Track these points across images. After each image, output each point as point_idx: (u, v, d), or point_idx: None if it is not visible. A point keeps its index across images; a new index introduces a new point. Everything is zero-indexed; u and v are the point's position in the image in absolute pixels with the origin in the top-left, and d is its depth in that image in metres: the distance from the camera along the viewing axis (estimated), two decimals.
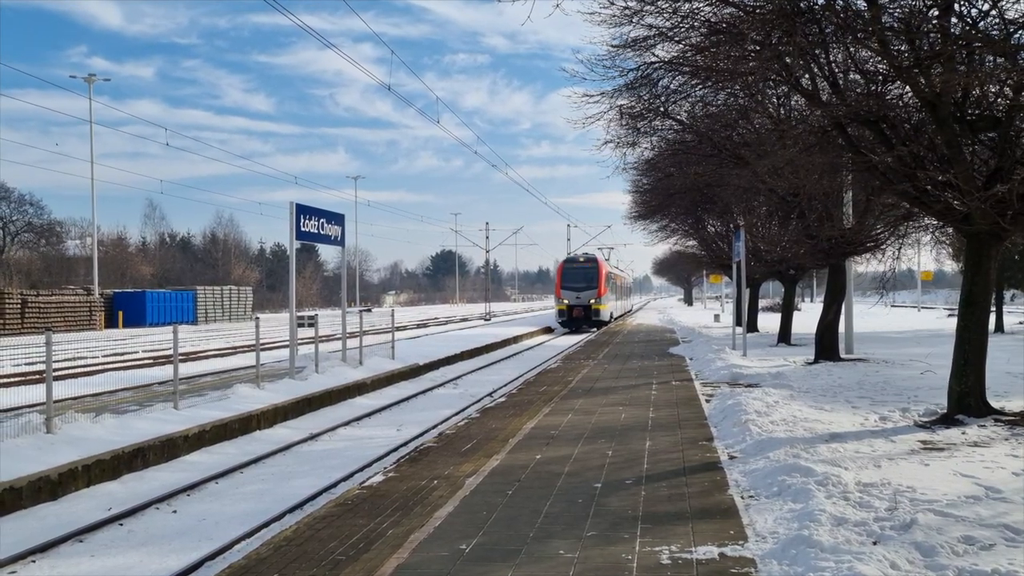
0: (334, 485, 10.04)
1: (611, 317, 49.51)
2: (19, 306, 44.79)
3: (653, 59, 12.62)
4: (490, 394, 18.43)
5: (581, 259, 47.74)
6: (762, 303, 49.75)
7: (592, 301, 44.67)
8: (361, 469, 10.89)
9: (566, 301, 45.01)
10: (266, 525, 8.41)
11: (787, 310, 28.79)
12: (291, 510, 8.97)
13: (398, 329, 27.27)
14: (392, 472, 8.89)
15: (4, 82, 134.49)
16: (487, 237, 72.18)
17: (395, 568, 5.76)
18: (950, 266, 48.29)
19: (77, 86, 53.03)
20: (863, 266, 24.60)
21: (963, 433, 9.91)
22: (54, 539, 8.03)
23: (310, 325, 20.78)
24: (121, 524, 8.75)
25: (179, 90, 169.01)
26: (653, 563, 5.68)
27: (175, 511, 9.33)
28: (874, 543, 5.73)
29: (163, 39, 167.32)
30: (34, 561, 7.63)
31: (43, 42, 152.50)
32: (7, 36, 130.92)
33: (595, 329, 44.06)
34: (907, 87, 10.60)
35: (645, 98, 14.40)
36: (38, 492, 9.36)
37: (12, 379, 18.47)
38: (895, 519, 6.19)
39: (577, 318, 44.97)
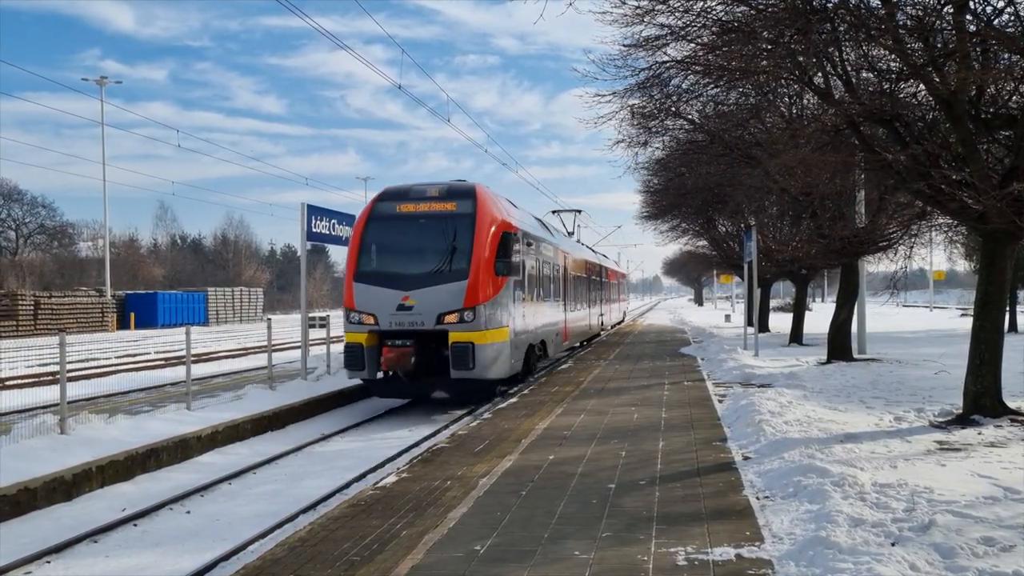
0: (347, 485, 10.04)
1: (532, 357, 18.53)
2: (32, 308, 45.07)
3: (665, 58, 12.58)
4: (501, 394, 18.39)
5: (431, 192, 16.15)
6: (773, 303, 49.47)
7: (452, 316, 14.88)
8: (374, 469, 10.88)
9: (370, 318, 15.26)
10: (280, 526, 8.40)
11: (799, 310, 28.71)
12: (305, 511, 8.96)
13: None
14: (405, 472, 8.88)
15: (18, 85, 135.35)
16: None
17: (410, 569, 5.75)
18: (963, 265, 48.18)
19: (89, 89, 53.18)
20: (875, 266, 24.48)
21: (979, 433, 9.85)
22: (69, 540, 8.06)
23: (321, 326, 20.81)
24: (135, 525, 8.78)
25: (191, 92, 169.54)
26: (669, 564, 5.65)
27: (189, 512, 9.34)
28: (892, 544, 5.68)
29: (175, 42, 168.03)
30: (49, 562, 7.65)
31: (56, 45, 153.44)
32: (20, 39, 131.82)
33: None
34: (921, 85, 10.53)
35: (656, 98, 14.37)
36: (52, 492, 9.39)
37: (26, 380, 18.56)
38: (913, 520, 6.14)
39: (401, 366, 14.96)
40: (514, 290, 16.29)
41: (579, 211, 37.66)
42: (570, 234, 33.27)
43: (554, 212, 36.53)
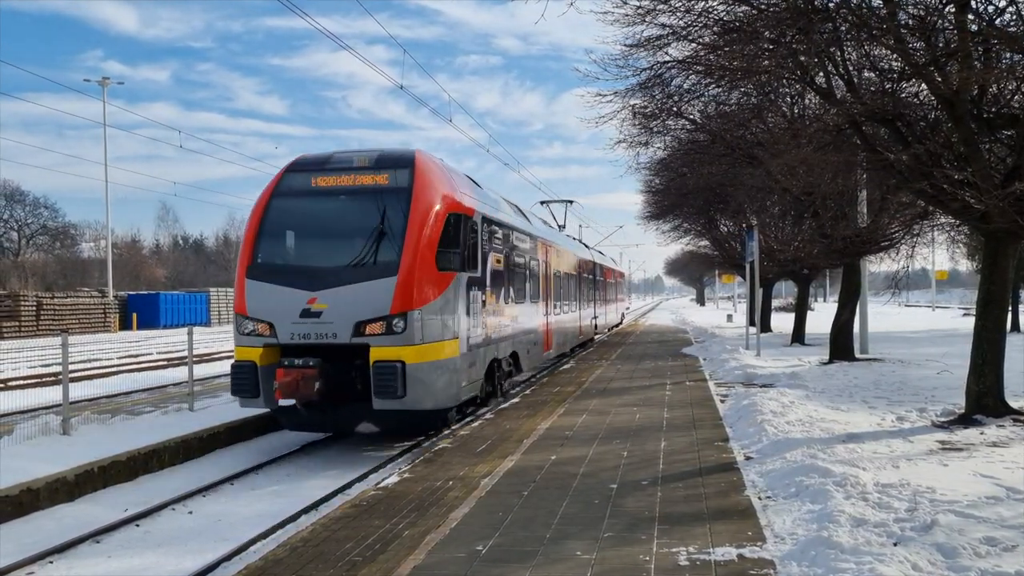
0: (349, 485, 10.04)
1: (499, 374, 15.08)
2: (34, 308, 45.10)
3: (666, 58, 12.59)
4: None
5: (357, 162, 12.35)
6: (775, 303, 49.45)
7: (375, 326, 11.06)
8: (375, 469, 10.88)
9: (265, 327, 11.46)
10: (281, 526, 8.41)
11: (801, 310, 28.69)
12: (306, 511, 8.97)
13: None
14: (407, 473, 8.89)
15: (20, 86, 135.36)
16: None
17: (411, 569, 5.75)
18: (965, 265, 48.13)
19: (92, 89, 53.27)
20: (877, 265, 24.47)
21: (981, 433, 9.84)
22: (71, 540, 8.07)
23: None
24: (137, 525, 8.79)
25: (193, 93, 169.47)
26: (671, 564, 5.65)
27: (191, 512, 9.35)
28: (895, 544, 5.68)
29: (178, 43, 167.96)
30: (51, 562, 7.66)
31: (58, 46, 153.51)
32: (22, 40, 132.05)
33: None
34: (923, 85, 10.53)
35: (658, 97, 14.38)
36: (55, 493, 9.40)
37: (29, 381, 18.59)
38: (915, 520, 6.14)
39: (301, 395, 10.89)
40: (468, 289, 12.65)
41: (570, 202, 33.69)
42: (561, 227, 30.47)
43: (543, 203, 33.02)
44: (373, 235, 11.50)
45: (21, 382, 18.35)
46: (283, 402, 11.23)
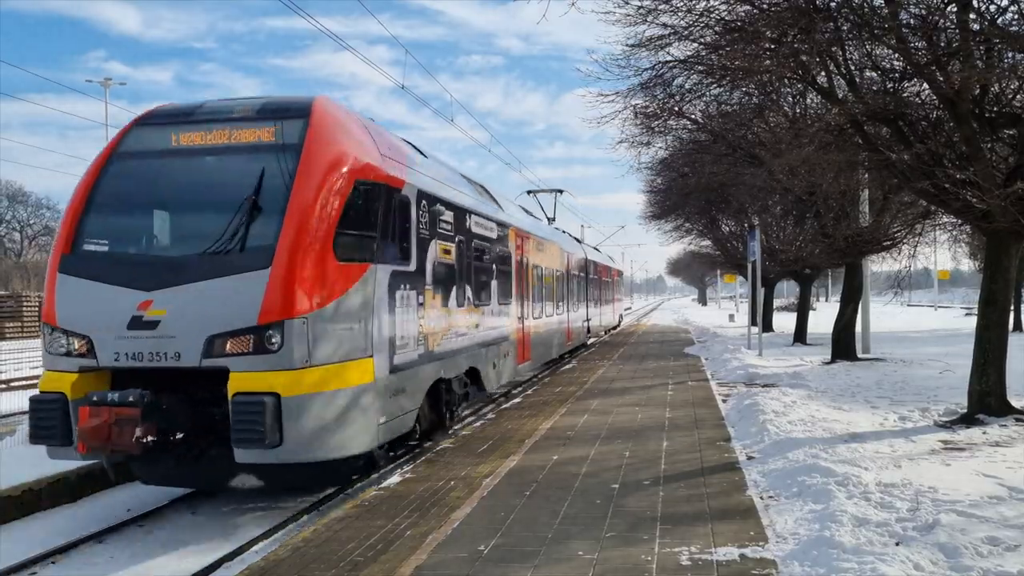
0: (351, 485, 10.04)
1: (449, 399, 11.60)
2: (37, 309, 45.16)
3: (668, 58, 12.56)
4: (505, 395, 18.41)
5: (236, 112, 8.86)
6: (777, 303, 49.43)
7: (237, 342, 7.62)
8: (377, 469, 10.87)
9: (82, 343, 7.99)
10: (284, 525, 8.41)
11: (803, 309, 28.71)
12: (308, 510, 8.98)
13: None
14: (409, 473, 8.90)
15: (23, 87, 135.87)
16: None
17: (414, 569, 5.76)
18: (967, 265, 48.09)
19: (94, 90, 53.49)
20: (879, 265, 24.45)
21: (984, 433, 9.83)
22: (74, 540, 8.08)
23: None
24: (140, 525, 8.79)
25: (196, 93, 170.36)
26: (673, 564, 5.65)
27: (193, 512, 9.36)
28: (897, 544, 5.68)
29: (180, 44, 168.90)
30: (54, 562, 7.68)
31: (61, 47, 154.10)
32: (25, 41, 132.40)
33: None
34: (925, 84, 10.53)
35: (659, 97, 14.33)
36: (57, 493, 9.41)
37: (31, 381, 18.62)
38: (917, 520, 6.14)
39: (116, 446, 7.52)
40: (393, 288, 9.21)
41: (560, 191, 30.16)
42: (551, 220, 27.72)
43: (529, 192, 29.65)
44: (243, 211, 8.10)
45: (24, 383, 18.38)
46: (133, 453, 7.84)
